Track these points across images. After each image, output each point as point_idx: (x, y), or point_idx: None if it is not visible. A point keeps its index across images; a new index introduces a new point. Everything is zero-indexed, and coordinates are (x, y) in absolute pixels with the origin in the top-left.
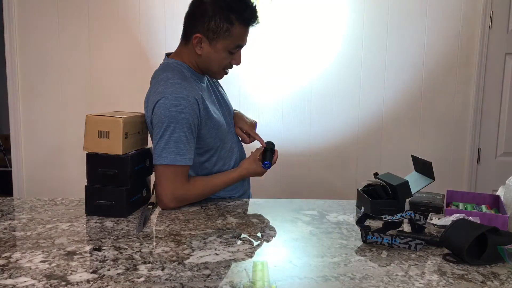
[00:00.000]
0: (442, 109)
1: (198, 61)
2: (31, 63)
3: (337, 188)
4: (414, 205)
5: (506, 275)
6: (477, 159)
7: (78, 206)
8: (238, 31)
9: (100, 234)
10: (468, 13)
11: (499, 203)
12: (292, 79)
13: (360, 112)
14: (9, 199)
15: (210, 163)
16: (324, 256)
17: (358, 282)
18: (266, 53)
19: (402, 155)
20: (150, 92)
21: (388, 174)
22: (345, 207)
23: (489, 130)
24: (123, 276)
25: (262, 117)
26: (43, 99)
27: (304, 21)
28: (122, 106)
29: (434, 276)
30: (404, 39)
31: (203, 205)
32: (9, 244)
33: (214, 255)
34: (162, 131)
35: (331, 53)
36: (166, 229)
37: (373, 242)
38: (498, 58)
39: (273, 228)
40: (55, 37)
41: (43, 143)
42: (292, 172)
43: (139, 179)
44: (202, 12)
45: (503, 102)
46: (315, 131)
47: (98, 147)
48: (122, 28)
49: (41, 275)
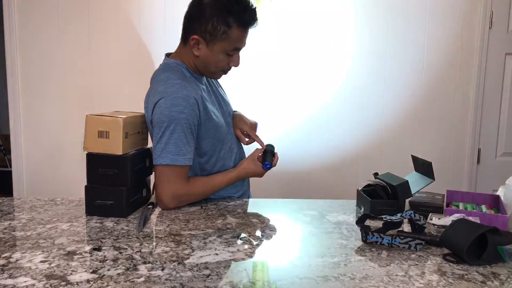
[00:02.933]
0: (442, 109)
1: (196, 62)
2: (31, 63)
3: (337, 188)
4: (414, 205)
5: (506, 275)
6: (477, 159)
7: (78, 206)
8: (236, 33)
9: (100, 234)
10: (468, 13)
11: (499, 203)
12: (292, 80)
13: (360, 112)
14: (9, 199)
15: (209, 164)
16: (324, 256)
17: (358, 282)
18: (266, 53)
19: (402, 155)
20: (150, 92)
21: (388, 174)
22: (345, 207)
23: (489, 130)
24: (123, 276)
25: (262, 118)
26: (43, 99)
27: (303, 20)
28: (122, 106)
29: (434, 276)
30: (404, 39)
31: (203, 205)
32: (9, 244)
33: (214, 255)
34: (162, 131)
35: (331, 53)
36: (166, 229)
37: (373, 242)
38: (498, 58)
39: (273, 228)
40: (55, 37)
41: (43, 143)
42: (292, 172)
43: (139, 179)
44: (200, 14)
45: (503, 102)
46: (315, 131)
47: (98, 147)
48: (122, 28)
49: (41, 275)
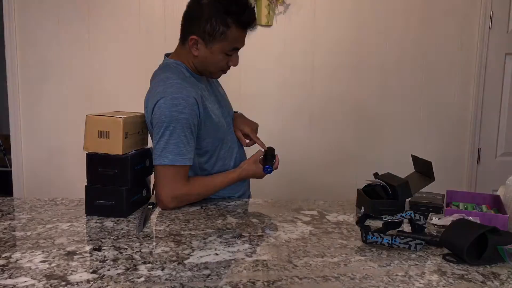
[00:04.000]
0: (442, 109)
1: (195, 62)
2: (31, 63)
3: (337, 188)
4: (414, 205)
5: (506, 275)
6: (477, 159)
7: (78, 206)
8: (234, 34)
9: (100, 234)
10: (468, 13)
11: (499, 203)
12: (292, 80)
13: (360, 111)
14: (9, 199)
15: (209, 164)
16: (324, 256)
17: (358, 282)
18: (266, 53)
19: (402, 155)
20: (150, 92)
21: (388, 174)
22: (345, 207)
23: (489, 130)
24: (123, 276)
25: (262, 118)
26: (43, 99)
27: (303, 19)
28: (122, 106)
29: (434, 276)
30: (404, 39)
31: (203, 205)
32: (9, 244)
33: (214, 255)
34: (162, 131)
35: (331, 53)
36: (166, 229)
37: (373, 242)
38: (498, 58)
39: (273, 228)
40: (55, 37)
41: (43, 143)
42: (292, 172)
43: (139, 179)
44: (198, 14)
45: (503, 102)
46: (315, 131)
47: (98, 147)
48: (122, 28)
49: (41, 275)
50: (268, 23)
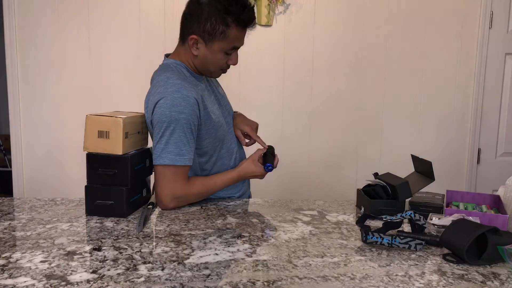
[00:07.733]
0: (442, 109)
1: (195, 62)
2: (31, 63)
3: (337, 188)
4: (414, 205)
5: (506, 275)
6: (477, 159)
7: (78, 206)
8: (234, 33)
9: (100, 234)
10: (468, 13)
11: (499, 203)
12: (292, 80)
13: (360, 111)
14: (9, 199)
15: (209, 163)
16: (324, 256)
17: (358, 282)
18: (266, 53)
19: (402, 155)
20: (150, 92)
21: (388, 174)
22: (345, 207)
23: (489, 130)
24: (123, 276)
25: (262, 118)
26: (43, 99)
27: (303, 18)
28: (122, 106)
29: (434, 276)
30: (404, 39)
31: (203, 205)
32: (9, 244)
33: (214, 255)
34: (162, 131)
35: (331, 53)
36: (166, 229)
37: (373, 242)
38: (498, 58)
39: (273, 228)
40: (55, 37)
41: (43, 143)
42: (292, 172)
43: (139, 179)
44: (198, 14)
45: (503, 102)
46: (315, 131)
47: (98, 147)
48: (122, 28)
49: (41, 275)
50: (268, 23)
